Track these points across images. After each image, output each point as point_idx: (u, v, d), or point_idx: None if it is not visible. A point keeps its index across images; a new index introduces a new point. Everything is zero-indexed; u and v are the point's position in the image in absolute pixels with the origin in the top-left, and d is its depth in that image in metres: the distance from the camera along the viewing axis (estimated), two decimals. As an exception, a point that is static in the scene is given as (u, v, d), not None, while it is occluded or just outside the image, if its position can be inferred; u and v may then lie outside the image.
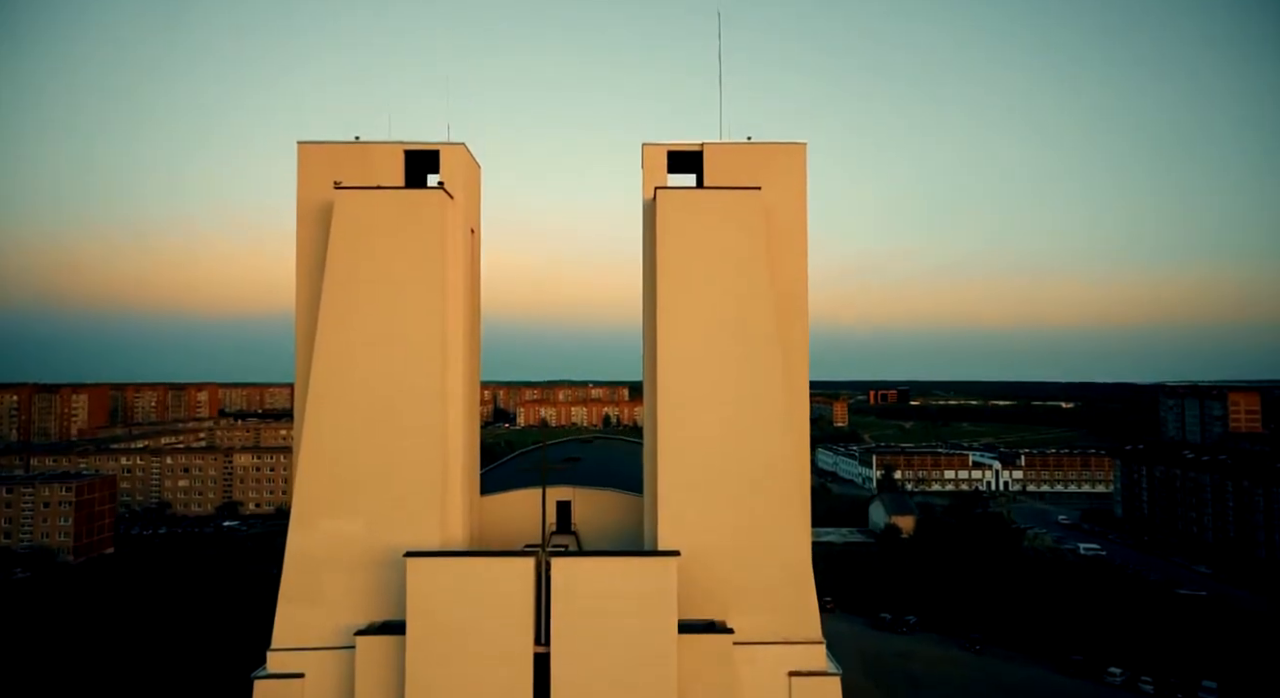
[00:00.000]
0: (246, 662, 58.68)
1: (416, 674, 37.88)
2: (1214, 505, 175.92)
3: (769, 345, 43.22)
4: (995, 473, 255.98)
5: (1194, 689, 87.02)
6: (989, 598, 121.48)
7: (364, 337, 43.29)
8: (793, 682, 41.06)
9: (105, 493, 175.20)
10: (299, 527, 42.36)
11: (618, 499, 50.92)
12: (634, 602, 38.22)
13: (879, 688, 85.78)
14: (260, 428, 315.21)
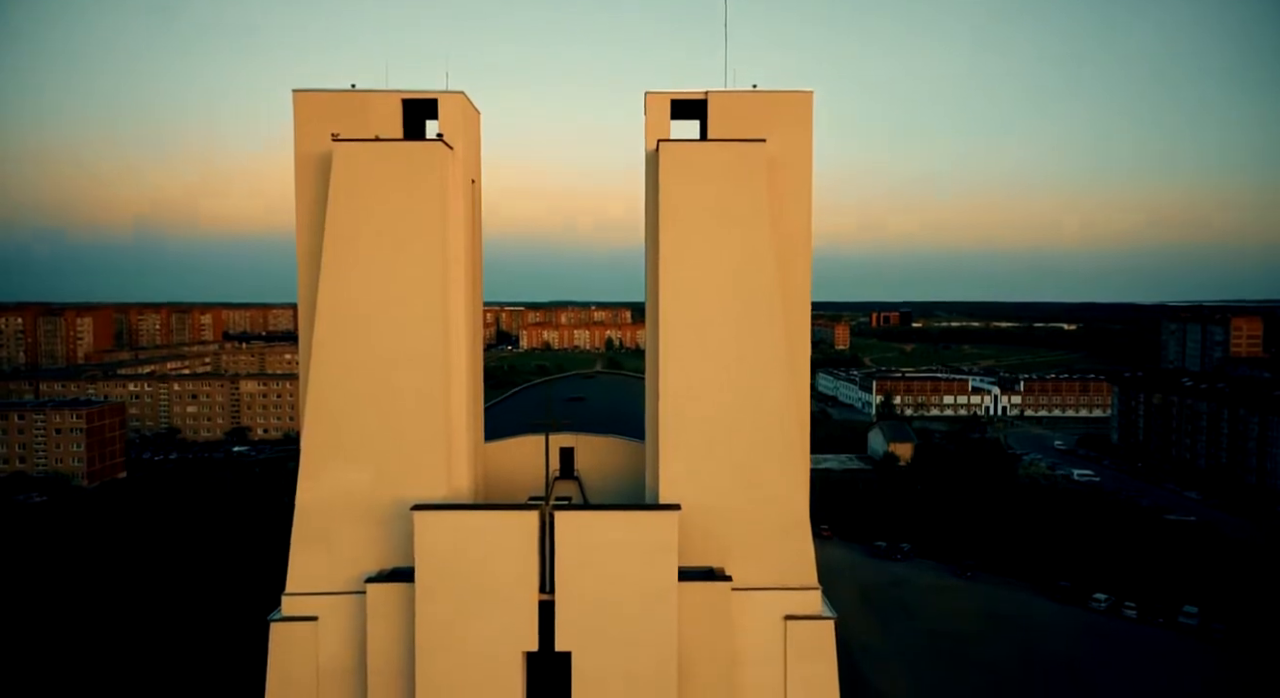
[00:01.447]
0: (260, 587, 61.10)
1: (426, 621, 39.34)
2: (1209, 433, 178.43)
3: (771, 302, 43.16)
4: (994, 398, 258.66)
5: (1175, 614, 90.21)
6: (982, 526, 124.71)
7: (366, 292, 43.21)
8: (788, 625, 42.56)
9: (115, 420, 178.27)
10: (307, 478, 43.26)
11: (619, 446, 51.79)
12: (635, 553, 39.36)
13: (872, 615, 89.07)
14: (265, 352, 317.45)
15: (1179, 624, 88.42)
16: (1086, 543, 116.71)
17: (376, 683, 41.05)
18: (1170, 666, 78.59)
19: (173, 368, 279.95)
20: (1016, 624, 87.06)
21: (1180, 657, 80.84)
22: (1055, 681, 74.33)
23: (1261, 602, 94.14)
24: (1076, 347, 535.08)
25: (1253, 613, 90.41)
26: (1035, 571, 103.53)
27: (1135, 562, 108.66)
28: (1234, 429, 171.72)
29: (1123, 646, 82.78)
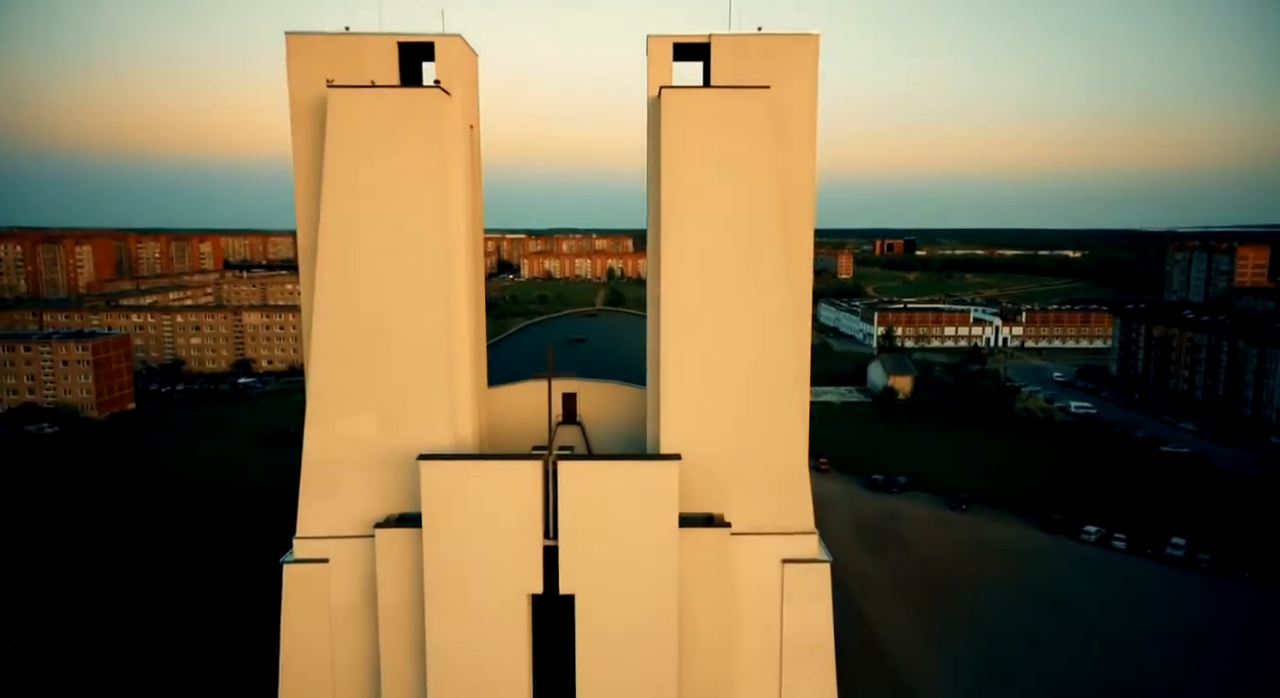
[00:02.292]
0: (274, 521, 63.05)
1: (433, 565, 40.66)
2: (1208, 365, 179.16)
3: (773, 253, 43.01)
4: (995, 329, 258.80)
5: (1162, 545, 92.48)
6: (978, 459, 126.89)
7: (366, 244, 43.07)
8: (785, 568, 43.93)
9: (121, 351, 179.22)
10: (314, 427, 44.00)
11: (621, 392, 52.34)
12: (637, 501, 40.36)
13: (867, 547, 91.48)
14: (266, 282, 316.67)
15: (1166, 555, 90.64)
16: (1080, 476, 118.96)
17: (387, 621, 42.71)
18: (1154, 594, 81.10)
19: (175, 298, 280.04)
20: (1007, 556, 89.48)
21: (1165, 586, 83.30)
22: (1042, 609, 76.85)
23: (1247, 532, 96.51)
24: (1081, 275, 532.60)
25: (1238, 543, 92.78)
26: (1028, 503, 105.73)
27: (1127, 494, 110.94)
28: (1233, 361, 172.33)
29: (1110, 576, 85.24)
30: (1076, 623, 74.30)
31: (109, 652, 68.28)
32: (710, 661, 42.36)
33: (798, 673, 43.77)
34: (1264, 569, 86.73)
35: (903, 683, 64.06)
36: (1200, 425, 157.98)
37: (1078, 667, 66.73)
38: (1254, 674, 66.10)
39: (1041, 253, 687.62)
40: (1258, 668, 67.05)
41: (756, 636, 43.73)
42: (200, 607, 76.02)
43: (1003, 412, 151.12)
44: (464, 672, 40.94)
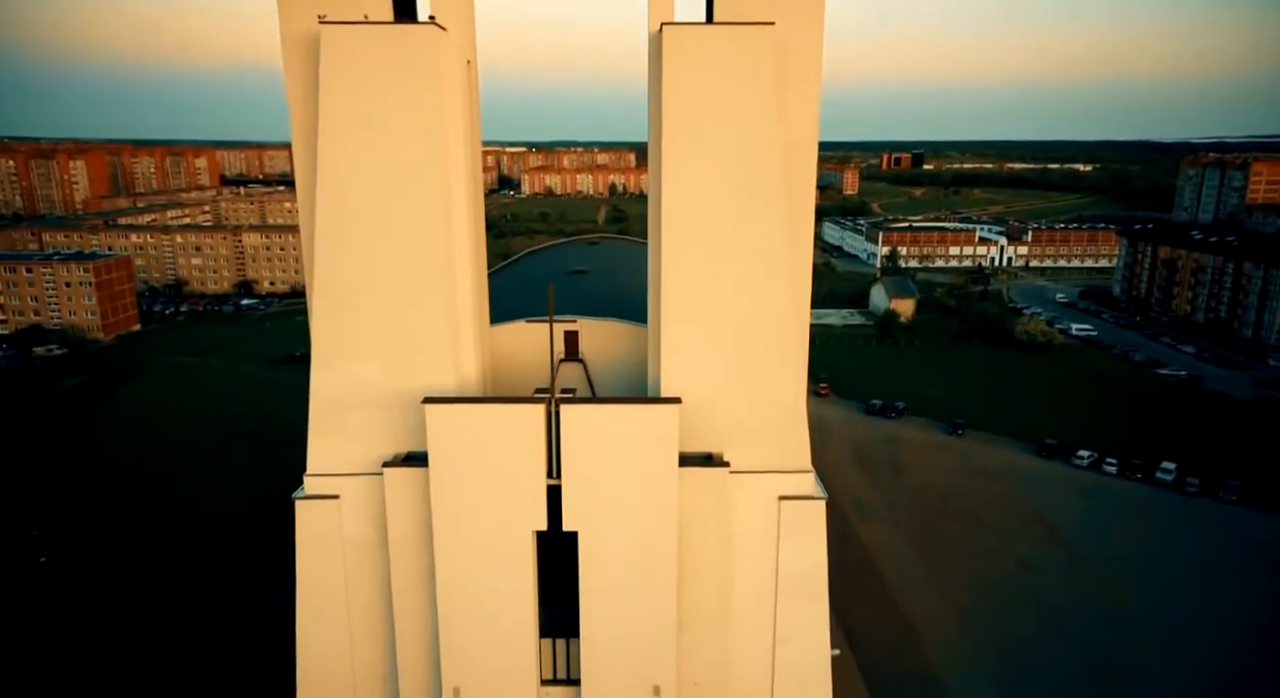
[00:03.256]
0: (282, 447, 64.78)
1: (441, 503, 41.94)
2: (1211, 287, 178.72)
3: (774, 194, 42.60)
4: (1001, 249, 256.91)
5: (1153, 470, 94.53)
6: (978, 382, 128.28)
7: (365, 185, 42.67)
8: (782, 505, 45.24)
9: (123, 273, 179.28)
10: (319, 369, 44.64)
11: (622, 330, 52.67)
12: (637, 443, 41.28)
13: (863, 472, 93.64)
14: (264, 200, 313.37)
15: (1155, 479, 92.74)
16: (1077, 400, 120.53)
17: (398, 555, 44.37)
18: (1140, 518, 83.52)
19: (173, 217, 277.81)
20: (1000, 480, 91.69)
21: (1151, 510, 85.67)
22: (1031, 532, 79.34)
23: (1237, 455, 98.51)
24: (1092, 190, 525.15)
25: (1228, 467, 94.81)
26: (1025, 428, 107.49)
27: (1122, 418, 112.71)
28: (1237, 283, 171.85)
29: (1098, 500, 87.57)
30: (1063, 545, 76.83)
31: (131, 574, 71.04)
32: (707, 592, 44.17)
33: (792, 604, 45.68)
34: (1249, 493, 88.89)
35: (894, 602, 66.79)
36: (1199, 348, 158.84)
37: (1062, 587, 69.40)
38: (1227, 594, 68.77)
39: (1052, 167, 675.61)
40: (1232, 588, 69.68)
41: (753, 569, 45.45)
42: (220, 529, 78.62)
43: (1003, 335, 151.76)
44: (472, 602, 42.77)
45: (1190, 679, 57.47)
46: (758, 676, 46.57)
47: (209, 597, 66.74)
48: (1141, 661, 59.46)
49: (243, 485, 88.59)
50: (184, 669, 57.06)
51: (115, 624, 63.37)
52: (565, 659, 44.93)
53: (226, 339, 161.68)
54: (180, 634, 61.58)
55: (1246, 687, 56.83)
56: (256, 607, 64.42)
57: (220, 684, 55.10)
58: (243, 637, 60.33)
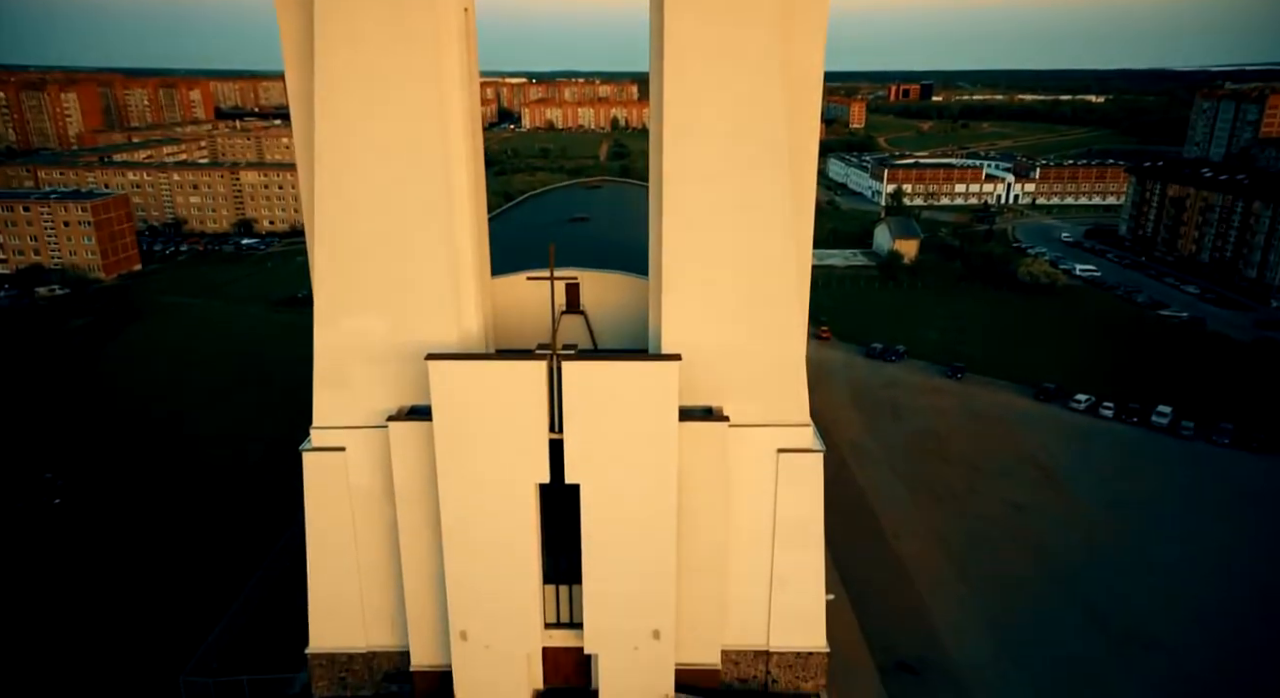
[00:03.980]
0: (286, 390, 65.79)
1: (445, 457, 42.86)
2: (1219, 226, 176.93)
3: (777, 145, 42.21)
4: (1008, 186, 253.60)
5: (1149, 413, 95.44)
6: (979, 324, 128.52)
7: (363, 140, 42.33)
8: (780, 457, 46.21)
9: (121, 212, 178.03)
10: (323, 324, 45.07)
11: (623, 282, 52.78)
12: (638, 399, 41.90)
13: (862, 415, 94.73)
14: (261, 135, 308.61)
15: (1151, 423, 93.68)
16: (1077, 343, 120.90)
17: (404, 505, 45.55)
18: (1134, 461, 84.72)
19: (169, 153, 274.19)
20: (997, 424, 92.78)
21: (1146, 453, 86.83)
22: (1025, 475, 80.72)
23: (1233, 398, 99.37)
24: (1103, 123, 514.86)
25: (1224, 410, 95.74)
26: (1024, 371, 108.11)
27: (1121, 361, 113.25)
28: (1244, 222, 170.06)
29: (1094, 443, 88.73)
30: (1056, 488, 78.25)
31: (145, 515, 72.81)
32: (706, 540, 45.50)
33: (788, 551, 47.08)
34: (1243, 436, 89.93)
35: (888, 543, 68.53)
36: (1203, 288, 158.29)
37: (1053, 529, 70.99)
38: (1212, 535, 70.39)
39: (1064, 98, 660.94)
40: (1218, 530, 71.28)
41: (751, 519, 46.69)
42: (232, 470, 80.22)
43: (1006, 276, 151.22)
44: (478, 551, 44.12)
45: (1172, 618, 59.36)
46: (755, 618, 48.35)
47: (223, 537, 68.53)
48: (1126, 599, 61.31)
49: (253, 427, 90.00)
50: (200, 608, 59.07)
51: (130, 564, 65.31)
52: (569, 604, 46.59)
53: (228, 280, 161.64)
54: (195, 574, 63.52)
55: (1227, 625, 58.73)
56: (270, 546, 66.24)
57: (236, 623, 57.12)
58: (258, 575, 62.22)
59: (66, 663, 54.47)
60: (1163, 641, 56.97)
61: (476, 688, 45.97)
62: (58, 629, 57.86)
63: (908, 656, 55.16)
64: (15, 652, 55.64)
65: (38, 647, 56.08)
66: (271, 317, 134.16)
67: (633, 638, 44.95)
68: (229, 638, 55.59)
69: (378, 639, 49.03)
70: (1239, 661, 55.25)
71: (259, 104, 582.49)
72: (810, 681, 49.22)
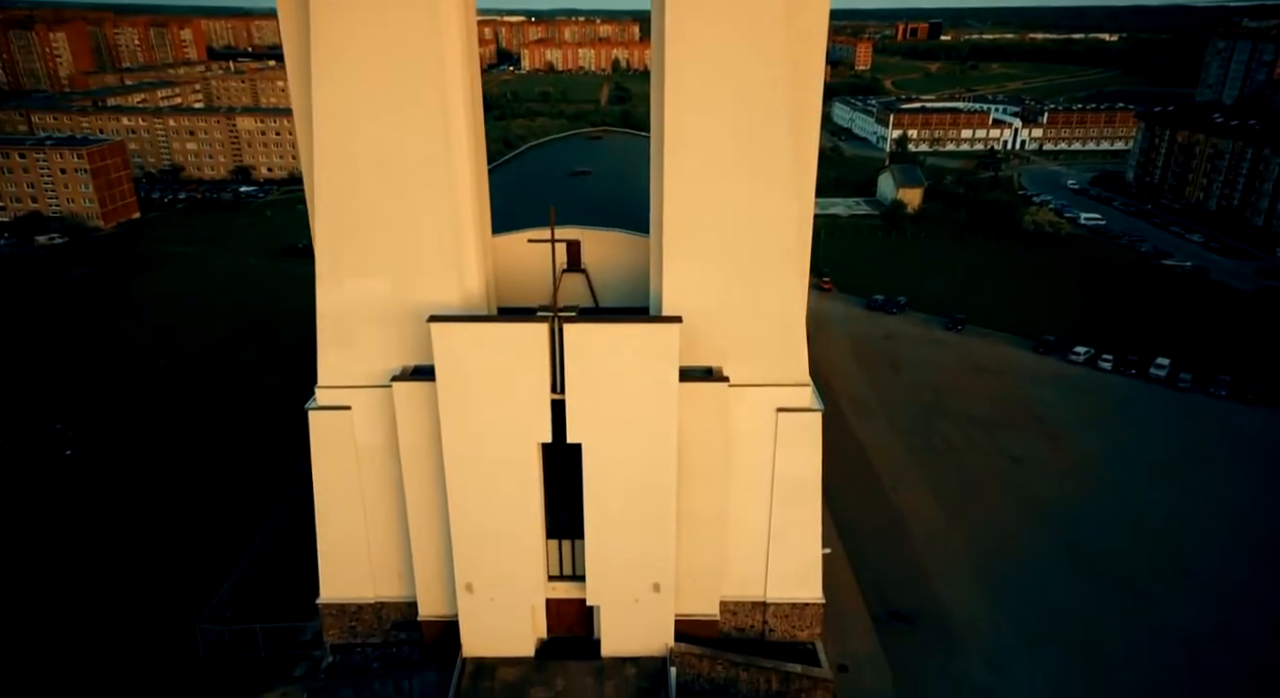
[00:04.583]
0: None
1: (449, 417, 43.46)
2: (1227, 173, 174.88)
3: (780, 107, 41.70)
4: (1015, 131, 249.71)
5: (1147, 365, 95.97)
6: (982, 275, 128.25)
7: (362, 104, 41.81)
8: (779, 417, 46.82)
9: (118, 159, 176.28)
10: (325, 285, 45.23)
11: (624, 241, 52.61)
12: (639, 361, 42.26)
13: (861, 368, 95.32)
14: (256, 78, 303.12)
15: (1149, 375, 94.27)
16: (1080, 294, 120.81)
17: (409, 462, 46.38)
18: (1131, 413, 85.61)
19: (163, 97, 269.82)
20: (996, 377, 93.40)
21: (1142, 405, 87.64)
22: (1022, 427, 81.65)
23: (1233, 349, 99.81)
24: (1115, 63, 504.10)
25: (1222, 361, 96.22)
26: (1024, 323, 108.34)
27: (1123, 312, 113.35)
28: (1254, 169, 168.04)
29: (1091, 395, 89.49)
30: (1052, 441, 79.25)
31: (156, 465, 74.07)
32: (706, 498, 46.43)
33: (787, 507, 48.06)
34: (1240, 387, 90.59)
35: (885, 495, 69.80)
36: (1208, 237, 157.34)
37: (1047, 481, 72.19)
38: (1204, 487, 71.59)
39: (1075, 37, 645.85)
40: (1209, 481, 72.46)
41: (750, 476, 47.55)
42: (240, 421, 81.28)
43: (1011, 225, 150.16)
44: (482, 508, 45.09)
45: (1161, 568, 60.83)
46: (753, 572, 49.61)
47: (232, 488, 69.85)
48: (1117, 550, 62.73)
49: (258, 378, 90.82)
50: (212, 558, 60.61)
51: (143, 515, 66.76)
52: (571, 558, 47.80)
53: (228, 229, 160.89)
54: (206, 525, 64.96)
55: (1215, 575, 60.22)
56: (278, 497, 67.54)
57: (247, 573, 58.67)
58: (267, 526, 63.64)
59: (84, 613, 56.18)
60: (1151, 591, 58.51)
61: (482, 637, 47.51)
62: (74, 580, 59.48)
63: (902, 605, 56.79)
64: (33, 602, 57.33)
65: (55, 598, 57.75)
66: (272, 267, 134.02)
67: (633, 591, 46.24)
68: (241, 588, 57.20)
69: (386, 591, 50.43)
70: (1225, 611, 56.85)
71: (252, 43, 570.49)
72: (806, 630, 50.77)
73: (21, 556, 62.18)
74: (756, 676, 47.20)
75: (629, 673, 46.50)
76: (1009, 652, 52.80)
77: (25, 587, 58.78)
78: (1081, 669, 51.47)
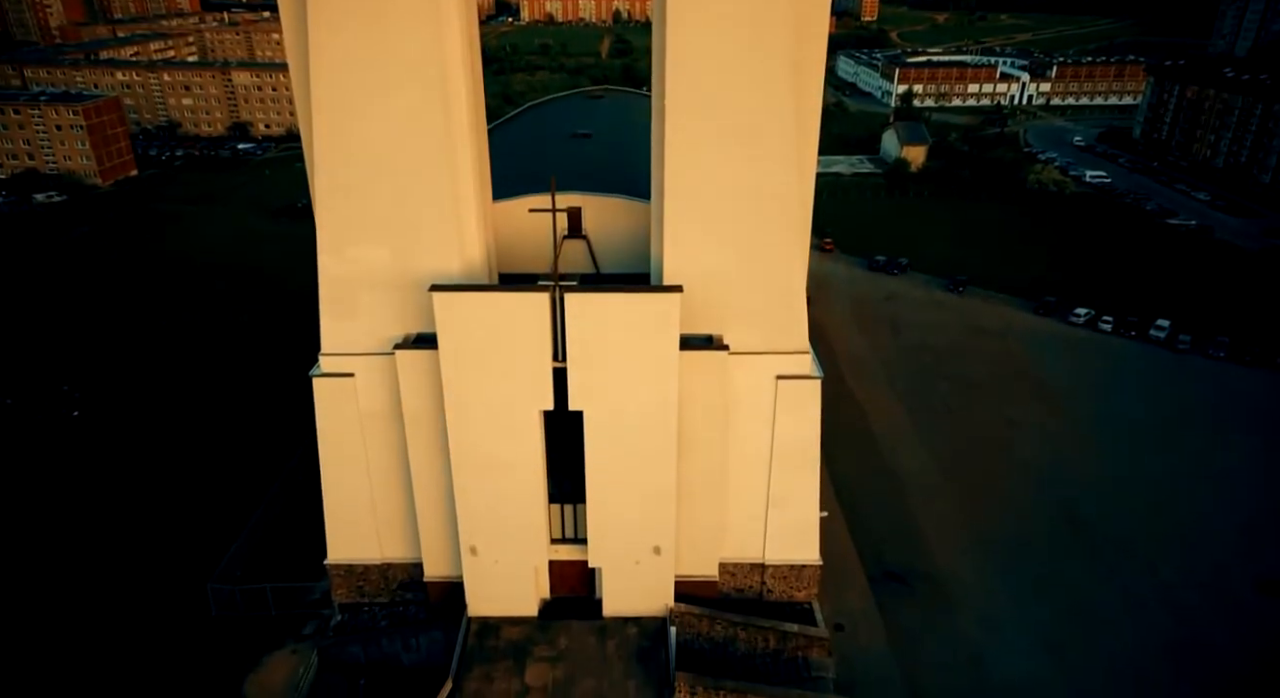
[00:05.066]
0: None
1: (451, 384, 43.92)
2: (1236, 129, 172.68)
3: (783, 72, 41.38)
4: (1022, 86, 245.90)
5: (1147, 327, 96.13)
6: (985, 236, 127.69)
7: (360, 71, 41.53)
8: (779, 384, 47.28)
9: (114, 115, 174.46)
10: (326, 254, 45.34)
11: (625, 207, 52.51)
12: (639, 330, 42.55)
13: (861, 330, 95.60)
14: (251, 30, 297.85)
15: (1149, 337, 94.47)
16: (1083, 254, 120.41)
17: (413, 428, 47.04)
18: (1128, 375, 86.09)
19: (156, 50, 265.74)
20: (996, 339, 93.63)
21: (1140, 367, 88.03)
22: (1020, 390, 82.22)
23: (1234, 310, 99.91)
24: (1127, 12, 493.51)
25: (1222, 322, 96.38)
26: (1026, 284, 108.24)
27: (1126, 272, 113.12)
28: (1263, 125, 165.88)
29: (1090, 358, 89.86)
30: (1049, 403, 79.87)
31: (164, 426, 75.02)
32: (706, 463, 47.20)
33: (785, 472, 48.86)
34: (1238, 349, 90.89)
35: (883, 458, 70.73)
36: (1214, 195, 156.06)
37: (1043, 442, 72.99)
38: (1196, 449, 72.44)
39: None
40: (1202, 443, 73.29)
41: (750, 443, 48.23)
42: (248, 383, 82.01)
43: (1015, 184, 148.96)
44: (485, 474, 45.87)
45: (1152, 529, 61.92)
46: (752, 535, 50.65)
47: (238, 450, 70.81)
48: (1109, 512, 63.76)
49: (264, 339, 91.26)
50: (221, 519, 61.77)
51: (151, 477, 67.82)
52: (574, 521, 48.78)
53: (227, 188, 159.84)
54: (214, 486, 66.04)
55: (1204, 536, 61.35)
56: (284, 458, 68.49)
57: (256, 534, 59.85)
58: (274, 488, 64.68)
59: (96, 573, 57.50)
60: (1141, 551, 59.64)
61: (487, 598, 48.73)
62: (85, 540, 60.73)
63: (896, 566, 58.01)
64: (46, 563, 58.62)
65: (67, 559, 59.02)
66: (272, 228, 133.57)
67: (634, 554, 47.27)
68: (250, 548, 58.42)
69: (392, 552, 51.55)
70: (1212, 570, 58.04)
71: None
72: (803, 590, 52.01)
73: (33, 516, 63.37)
74: (754, 635, 48.50)
75: (630, 632, 47.80)
76: (1000, 611, 54.11)
77: (38, 547, 60.00)
78: (1070, 628, 52.81)
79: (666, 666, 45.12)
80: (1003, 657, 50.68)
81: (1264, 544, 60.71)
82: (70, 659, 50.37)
